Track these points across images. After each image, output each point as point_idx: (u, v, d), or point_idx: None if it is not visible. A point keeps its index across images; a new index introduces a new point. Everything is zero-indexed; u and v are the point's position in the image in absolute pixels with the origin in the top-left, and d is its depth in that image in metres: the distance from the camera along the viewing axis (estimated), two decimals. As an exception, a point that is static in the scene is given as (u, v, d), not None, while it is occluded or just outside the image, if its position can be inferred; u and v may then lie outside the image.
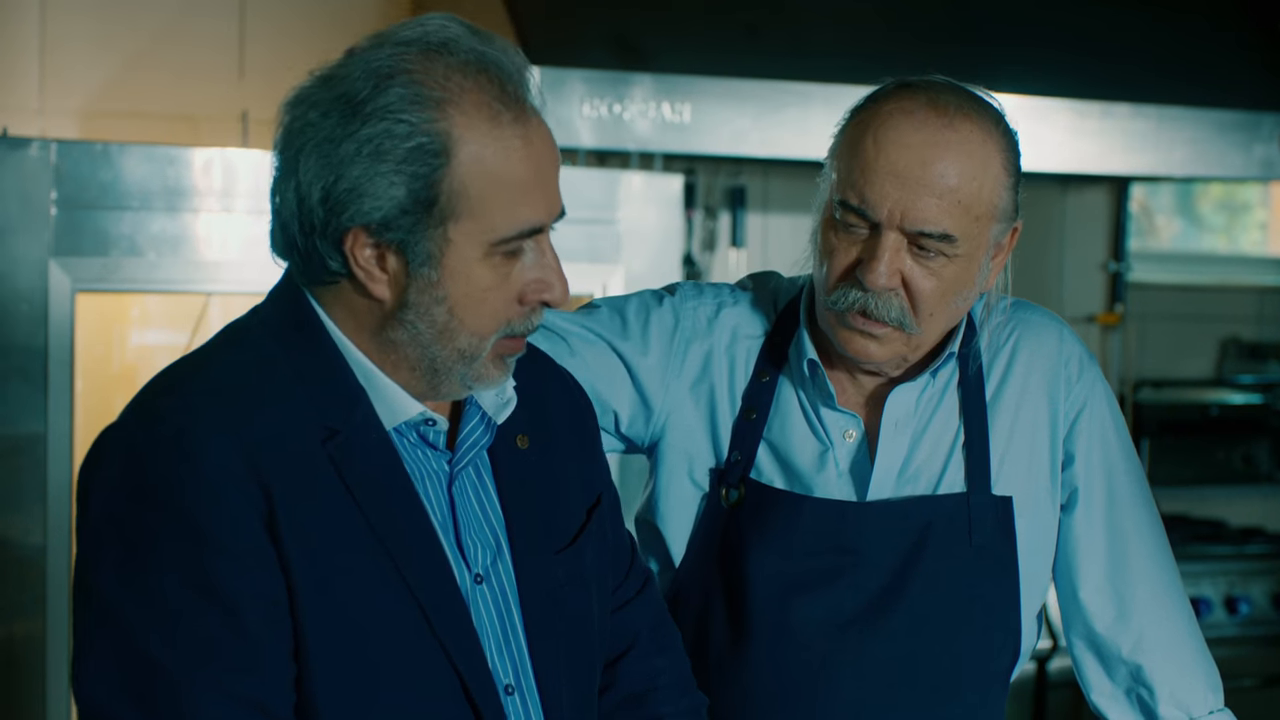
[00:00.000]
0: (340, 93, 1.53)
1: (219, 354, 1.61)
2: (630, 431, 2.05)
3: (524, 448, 1.72)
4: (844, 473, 1.98)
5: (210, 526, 1.49)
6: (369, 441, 1.58)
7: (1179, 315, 5.45)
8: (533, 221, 1.56)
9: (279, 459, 1.52)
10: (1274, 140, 4.22)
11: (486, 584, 1.65)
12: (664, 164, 4.15)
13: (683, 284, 2.11)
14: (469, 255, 1.55)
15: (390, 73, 1.52)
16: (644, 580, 1.91)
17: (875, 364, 1.95)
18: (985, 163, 1.88)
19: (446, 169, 1.52)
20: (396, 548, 1.56)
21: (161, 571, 1.48)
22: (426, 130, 1.51)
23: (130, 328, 3.85)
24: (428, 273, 1.54)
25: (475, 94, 1.53)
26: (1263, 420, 5.20)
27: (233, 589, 1.49)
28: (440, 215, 1.53)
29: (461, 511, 1.65)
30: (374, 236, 1.53)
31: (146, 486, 1.50)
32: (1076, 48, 4.21)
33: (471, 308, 1.57)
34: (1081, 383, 2.02)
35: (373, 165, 1.51)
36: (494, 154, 1.53)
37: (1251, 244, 6.03)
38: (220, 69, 4.03)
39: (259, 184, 3.38)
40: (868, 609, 1.94)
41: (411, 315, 1.56)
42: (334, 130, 1.52)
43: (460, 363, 1.59)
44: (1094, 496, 2.01)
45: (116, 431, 1.56)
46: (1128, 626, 2.00)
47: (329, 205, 1.53)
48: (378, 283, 1.56)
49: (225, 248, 3.33)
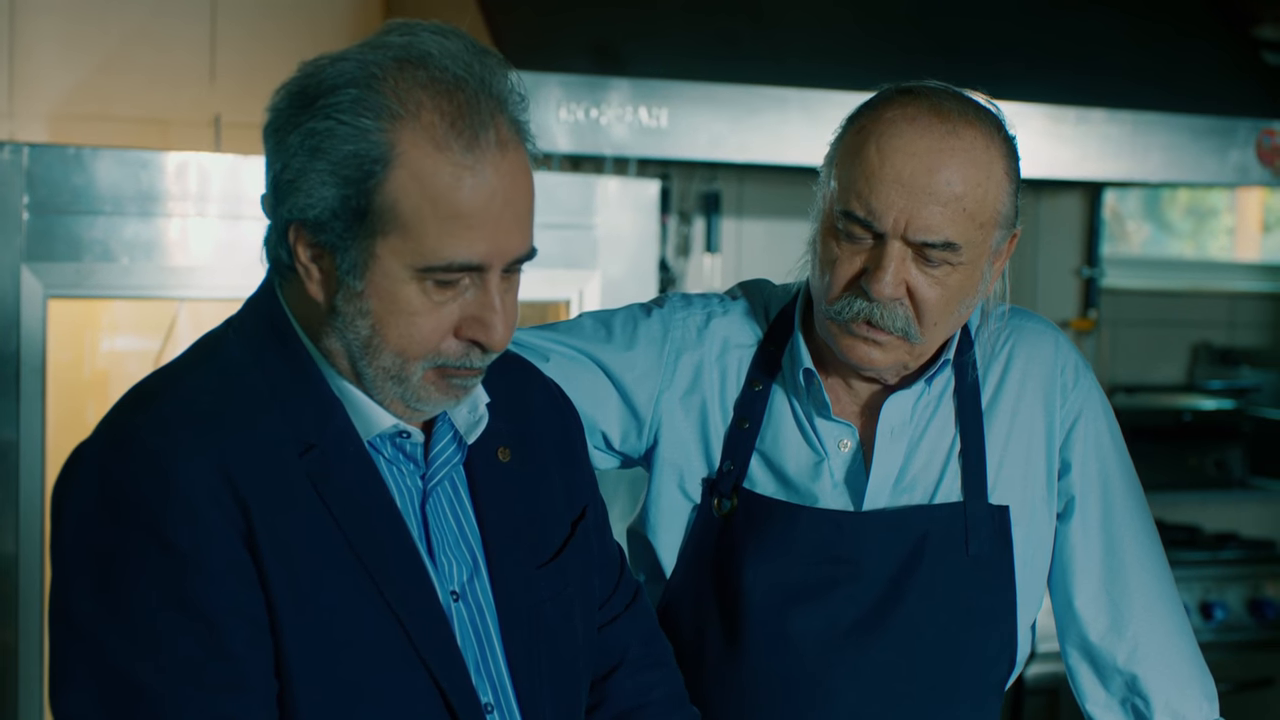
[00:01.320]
0: (305, 83, 1.51)
1: (192, 368, 1.58)
2: (624, 447, 2.03)
3: (505, 460, 1.69)
4: (839, 483, 1.96)
5: (188, 545, 1.45)
6: (346, 455, 1.55)
7: (1151, 321, 5.46)
8: (467, 258, 1.50)
9: (255, 474, 1.49)
10: (1249, 146, 4.22)
11: (463, 601, 1.62)
12: (638, 169, 4.14)
13: (671, 295, 2.09)
14: (395, 274, 1.50)
15: (354, 75, 1.49)
16: (633, 593, 1.88)
17: (876, 371, 1.93)
18: (989, 169, 1.86)
19: (381, 181, 1.48)
20: (375, 564, 1.53)
21: (140, 591, 1.45)
22: (369, 137, 1.47)
23: (101, 334, 3.81)
24: (353, 282, 1.51)
25: (430, 114, 1.48)
26: (1235, 425, 5.21)
27: (213, 607, 1.46)
28: (370, 227, 1.49)
29: (435, 528, 1.62)
30: (310, 234, 1.51)
31: (121, 506, 1.47)
32: (1052, 53, 4.21)
33: (395, 327, 1.52)
34: (1078, 390, 2.00)
35: (310, 160, 1.49)
36: (434, 178, 1.48)
37: (1219, 249, 6.05)
38: (191, 72, 3.99)
39: (232, 188, 3.36)
40: (865, 620, 1.92)
41: (340, 323, 1.53)
42: (287, 119, 1.51)
43: (389, 381, 1.55)
44: (1090, 505, 2.00)
45: (89, 450, 1.52)
46: (1123, 636, 1.99)
47: (276, 193, 1.52)
48: (313, 282, 1.53)
49: (199, 253, 3.29)
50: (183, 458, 1.46)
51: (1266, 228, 6.08)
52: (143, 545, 1.45)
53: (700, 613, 1.97)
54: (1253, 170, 4.25)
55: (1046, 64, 4.16)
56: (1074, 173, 4.17)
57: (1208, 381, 5.43)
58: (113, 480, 1.47)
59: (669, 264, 4.50)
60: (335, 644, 1.51)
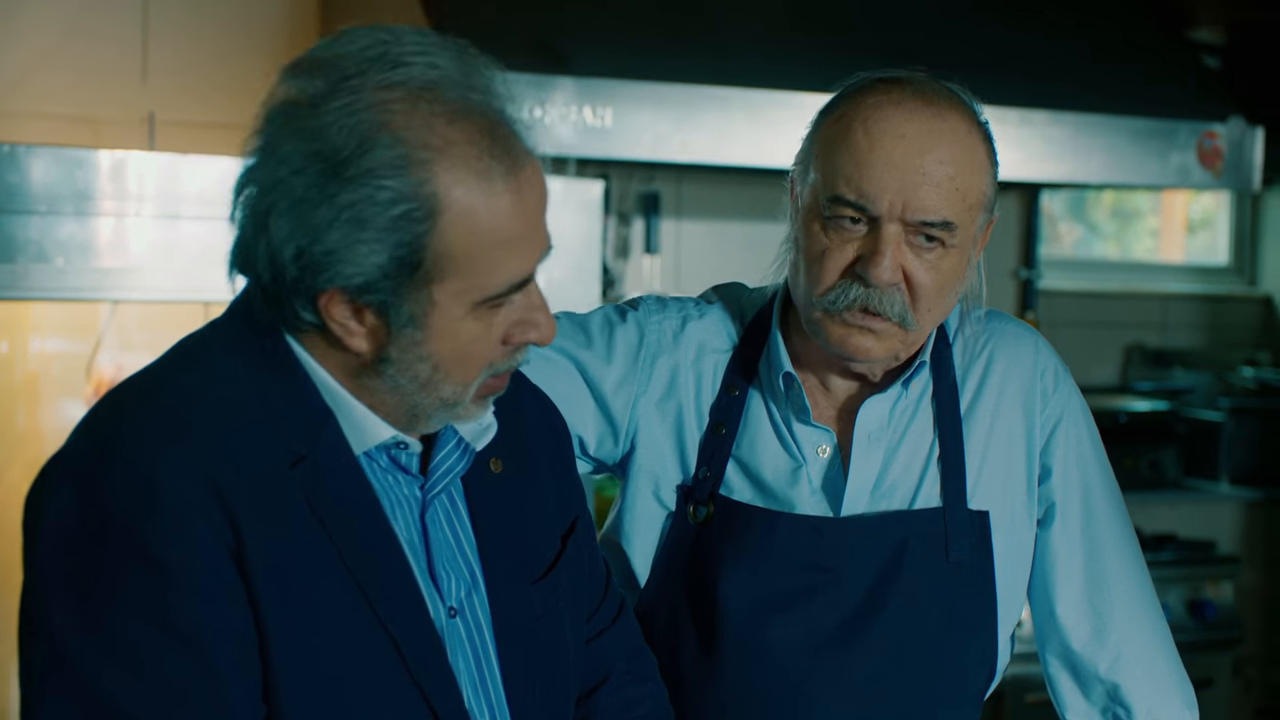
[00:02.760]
0: (316, 149, 1.39)
1: (175, 373, 1.49)
2: (599, 454, 1.99)
3: (498, 471, 1.63)
4: (817, 489, 1.92)
5: (173, 560, 1.38)
6: (338, 467, 1.48)
7: (1085, 322, 5.48)
8: (523, 273, 1.47)
9: (244, 486, 1.42)
10: (1190, 148, 4.23)
11: (460, 617, 1.56)
12: (577, 169, 4.09)
13: (644, 298, 2.04)
14: (455, 314, 1.45)
15: (372, 128, 1.39)
16: (619, 607, 1.83)
17: (869, 363, 1.89)
18: (973, 151, 1.85)
19: (432, 233, 1.41)
20: (368, 580, 1.47)
21: (123, 611, 1.38)
22: (412, 195, 1.39)
23: (31, 334, 3.72)
24: (411, 332, 1.45)
25: (463, 147, 1.41)
26: (1169, 427, 5.24)
27: (200, 627, 1.39)
28: (425, 278, 1.42)
29: (435, 541, 1.56)
30: (351, 297, 1.43)
31: (103, 520, 1.39)
32: (994, 54, 4.20)
33: (457, 361, 1.47)
34: (1058, 395, 1.98)
35: (353, 233, 1.39)
36: (483, 212, 1.42)
37: (1143, 251, 6.08)
38: (123, 70, 3.91)
39: (169, 188, 3.29)
40: (844, 627, 1.88)
41: (392, 370, 1.47)
42: (309, 191, 1.39)
43: (442, 409, 1.50)
44: (1071, 511, 1.97)
45: (66, 460, 1.44)
46: (1105, 644, 1.96)
47: (303, 265, 1.41)
48: (355, 336, 1.46)
49: (135, 254, 3.22)
50: (168, 468, 1.39)
51: (1191, 229, 6.12)
52: (125, 561, 1.38)
53: (675, 621, 1.93)
54: (1193, 172, 4.26)
55: (988, 66, 4.15)
56: (1017, 174, 4.17)
57: (1141, 383, 5.45)
58: (92, 492, 1.40)
59: (608, 265, 4.46)
60: (326, 664, 1.45)
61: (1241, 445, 5.25)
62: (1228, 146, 4.29)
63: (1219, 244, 6.02)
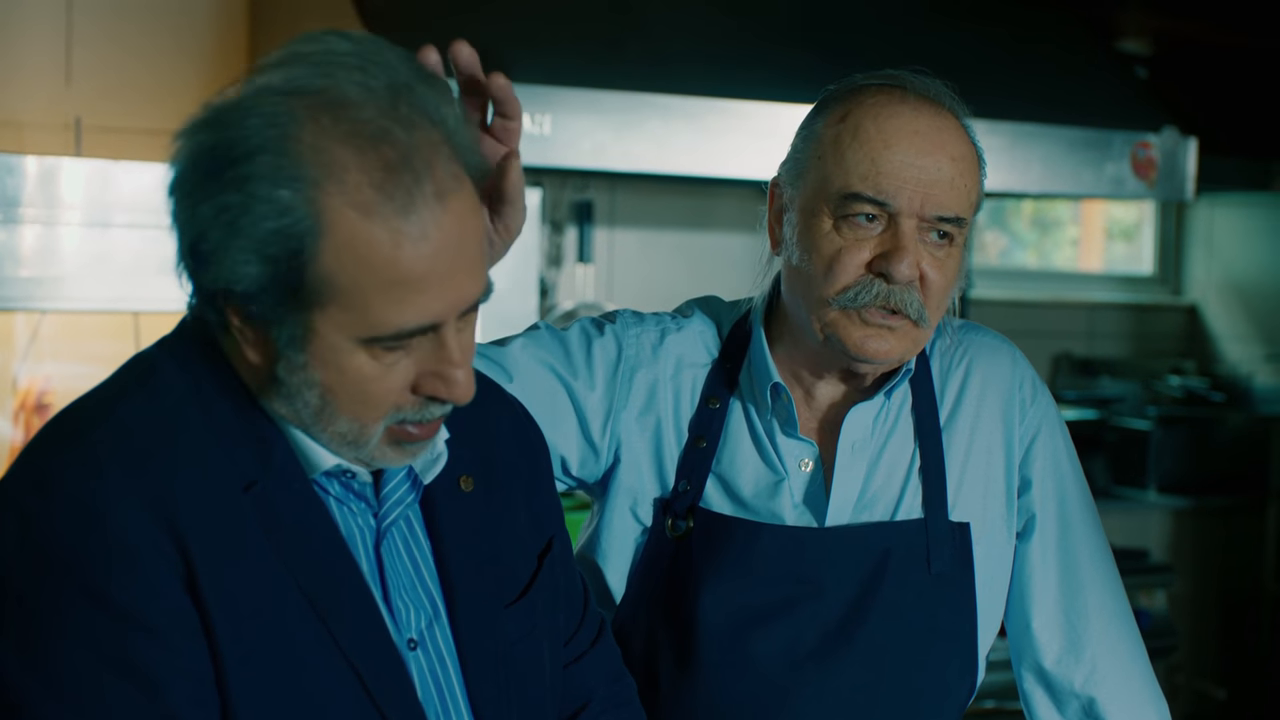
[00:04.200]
0: (213, 143, 1.32)
1: (123, 396, 1.42)
2: (580, 473, 1.94)
3: (468, 490, 1.56)
4: (799, 503, 1.89)
5: (124, 596, 1.31)
6: (292, 492, 1.41)
7: (1013, 331, 5.44)
8: (418, 323, 1.36)
9: (196, 515, 1.35)
10: (1124, 158, 4.24)
11: (421, 649, 1.49)
12: (513, 177, 4.03)
13: (621, 312, 2.00)
14: (338, 346, 1.35)
15: (264, 136, 1.31)
16: (598, 629, 1.77)
17: (879, 365, 1.87)
18: (972, 149, 1.87)
19: (313, 253, 1.32)
20: (329, 609, 1.40)
21: (71, 650, 1.30)
22: (291, 211, 1.31)
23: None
24: (293, 354, 1.36)
25: (355, 175, 1.31)
26: (1097, 436, 5.25)
27: (153, 665, 1.32)
28: (305, 300, 1.33)
29: (391, 571, 1.48)
30: (239, 304, 1.36)
31: (48, 555, 1.31)
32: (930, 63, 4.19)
33: (347, 395, 1.38)
34: (1036, 406, 1.97)
35: (228, 237, 1.32)
36: (369, 247, 1.32)
37: (1063, 260, 6.11)
38: (46, 73, 3.82)
39: (99, 195, 3.21)
40: (826, 640, 1.85)
41: (285, 391, 1.39)
42: (196, 185, 1.33)
43: (345, 446, 1.42)
44: (1048, 524, 1.95)
45: (7, 492, 1.36)
46: (1080, 659, 1.94)
47: (195, 261, 1.35)
48: (251, 346, 1.39)
49: (64, 262, 3.15)
50: (115, 502, 1.32)
51: (1110, 238, 6.16)
52: (72, 598, 1.30)
53: (653, 637, 1.89)
54: (1128, 182, 4.27)
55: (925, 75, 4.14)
56: (953, 184, 4.15)
57: (1069, 392, 5.47)
58: (36, 526, 1.32)
59: (542, 275, 4.41)
60: (287, 697, 1.38)
61: (1169, 454, 5.27)
62: (1161, 156, 4.31)
63: (1142, 254, 6.06)
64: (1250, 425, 5.51)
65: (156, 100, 3.89)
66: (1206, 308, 5.86)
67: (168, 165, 1.37)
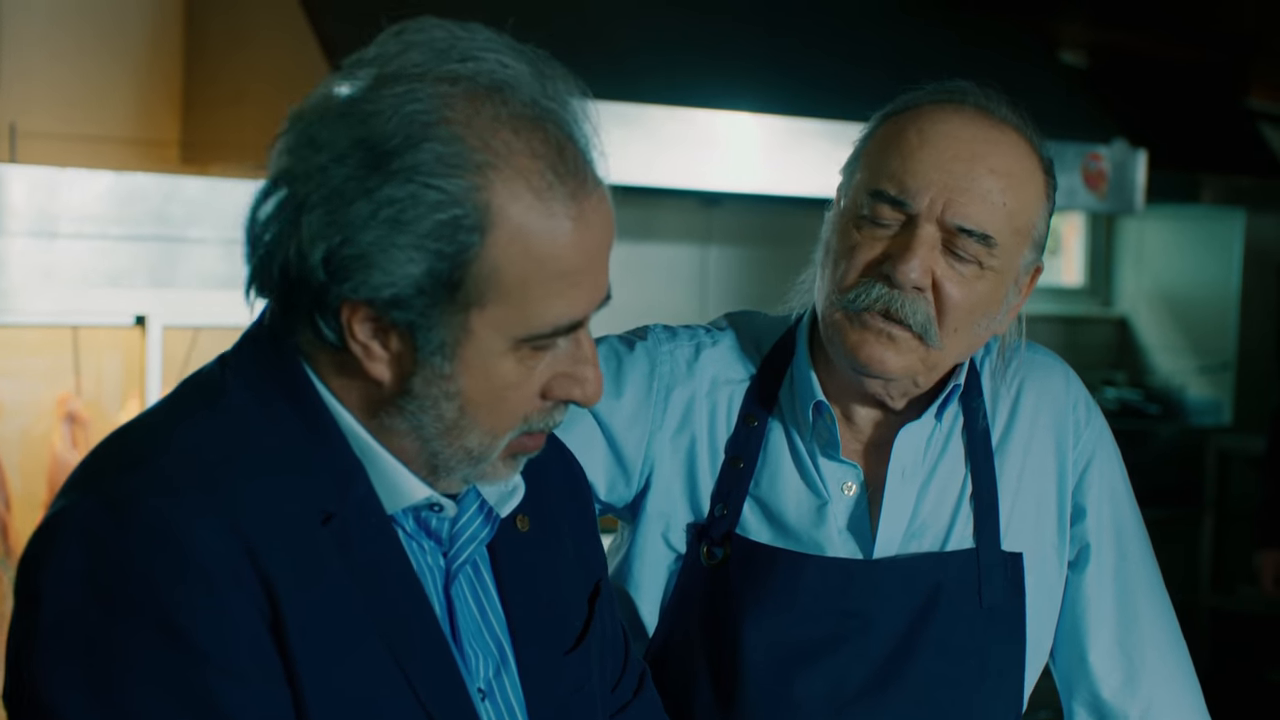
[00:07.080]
0: (362, 136, 1.22)
1: (187, 416, 1.30)
2: (610, 498, 1.83)
3: (524, 530, 1.45)
4: (844, 530, 1.79)
5: (203, 633, 1.20)
6: (369, 527, 1.30)
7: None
8: (573, 315, 1.29)
9: (276, 545, 1.24)
10: (1075, 170, 4.22)
11: (490, 700, 1.38)
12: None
13: (652, 327, 1.89)
14: (492, 348, 1.27)
15: (427, 121, 1.22)
16: (639, 679, 1.65)
17: (883, 378, 1.76)
18: (1031, 175, 1.75)
19: (479, 249, 1.23)
20: (405, 655, 1.29)
21: (144, 689, 1.19)
22: (462, 201, 1.22)
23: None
24: (439, 363, 1.26)
25: (525, 158, 1.23)
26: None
27: (232, 709, 1.21)
28: (464, 300, 1.24)
29: (461, 616, 1.38)
30: (379, 312, 1.25)
31: (119, 585, 1.20)
32: (883, 73, 4.15)
33: (488, 405, 1.29)
34: (1090, 429, 1.87)
35: (389, 235, 1.22)
36: (539, 235, 1.24)
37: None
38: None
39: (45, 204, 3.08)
40: (874, 679, 1.76)
41: (414, 406, 1.29)
42: (347, 183, 1.22)
43: (466, 462, 1.32)
44: (1104, 553, 1.87)
45: (70, 517, 1.24)
46: (1136, 692, 1.86)
47: (330, 269, 1.24)
48: (377, 361, 1.28)
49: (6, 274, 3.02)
50: (193, 523, 1.21)
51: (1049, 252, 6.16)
52: (146, 633, 1.19)
53: (690, 671, 1.79)
54: (1079, 194, 4.25)
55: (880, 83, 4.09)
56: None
57: (1004, 404, 5.46)
58: (105, 553, 1.21)
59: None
60: None
61: (1105, 466, 5.27)
62: (1111, 168, 4.29)
63: (1070, 265, 6.07)
64: (1183, 437, 5.53)
65: (89, 107, 3.76)
66: (1137, 319, 5.87)
67: (279, 167, 1.26)
